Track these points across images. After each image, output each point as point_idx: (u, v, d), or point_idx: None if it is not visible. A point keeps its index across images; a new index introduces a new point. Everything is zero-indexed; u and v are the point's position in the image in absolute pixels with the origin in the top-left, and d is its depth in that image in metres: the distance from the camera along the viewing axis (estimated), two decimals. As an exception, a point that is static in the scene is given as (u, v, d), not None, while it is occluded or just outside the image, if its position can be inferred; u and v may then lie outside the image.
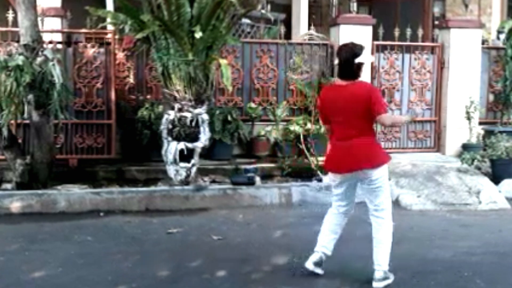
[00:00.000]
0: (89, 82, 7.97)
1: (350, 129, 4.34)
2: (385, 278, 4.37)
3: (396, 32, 9.00)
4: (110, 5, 9.53)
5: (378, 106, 4.29)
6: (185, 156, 6.94)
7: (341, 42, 8.65)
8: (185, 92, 6.89)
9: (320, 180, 7.35)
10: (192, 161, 7.01)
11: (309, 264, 4.52)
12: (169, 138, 6.95)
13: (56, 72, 6.51)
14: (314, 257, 4.53)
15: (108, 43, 8.08)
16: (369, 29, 8.88)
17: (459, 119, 8.96)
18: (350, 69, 4.35)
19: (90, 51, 7.95)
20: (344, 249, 5.06)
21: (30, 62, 6.49)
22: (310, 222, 6.04)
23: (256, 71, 8.75)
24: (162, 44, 6.80)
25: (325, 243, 4.55)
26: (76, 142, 7.93)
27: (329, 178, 4.72)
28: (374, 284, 4.34)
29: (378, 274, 4.36)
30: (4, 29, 7.89)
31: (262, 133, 8.55)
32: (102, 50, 8.01)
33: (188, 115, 6.90)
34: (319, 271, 4.51)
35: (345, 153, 4.37)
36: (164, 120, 6.99)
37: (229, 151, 8.33)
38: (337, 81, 4.54)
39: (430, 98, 9.23)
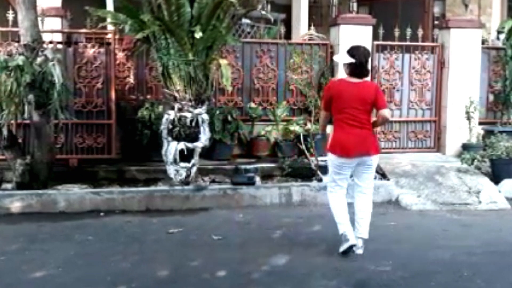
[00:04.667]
0: (89, 82, 7.97)
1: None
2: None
3: (396, 32, 9.01)
4: (110, 5, 9.53)
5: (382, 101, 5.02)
6: (185, 156, 6.94)
7: (341, 42, 8.82)
8: (185, 92, 6.90)
9: (320, 180, 7.34)
10: (192, 161, 7.01)
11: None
12: (169, 138, 6.95)
13: (56, 72, 6.51)
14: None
15: (108, 43, 8.08)
16: (369, 29, 8.88)
17: (459, 119, 8.96)
18: (365, 69, 4.96)
19: (90, 51, 7.95)
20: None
21: (30, 62, 6.50)
22: (309, 222, 6.04)
23: (256, 71, 8.76)
24: (162, 44, 6.80)
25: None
26: (76, 142, 7.93)
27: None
28: (358, 251, 4.94)
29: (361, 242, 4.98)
30: (4, 29, 7.89)
31: (262, 133, 8.55)
32: (102, 50, 8.01)
33: (188, 115, 6.91)
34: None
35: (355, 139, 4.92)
36: (164, 120, 6.99)
37: (229, 151, 8.33)
38: (348, 78, 4.98)
39: (430, 98, 9.23)
